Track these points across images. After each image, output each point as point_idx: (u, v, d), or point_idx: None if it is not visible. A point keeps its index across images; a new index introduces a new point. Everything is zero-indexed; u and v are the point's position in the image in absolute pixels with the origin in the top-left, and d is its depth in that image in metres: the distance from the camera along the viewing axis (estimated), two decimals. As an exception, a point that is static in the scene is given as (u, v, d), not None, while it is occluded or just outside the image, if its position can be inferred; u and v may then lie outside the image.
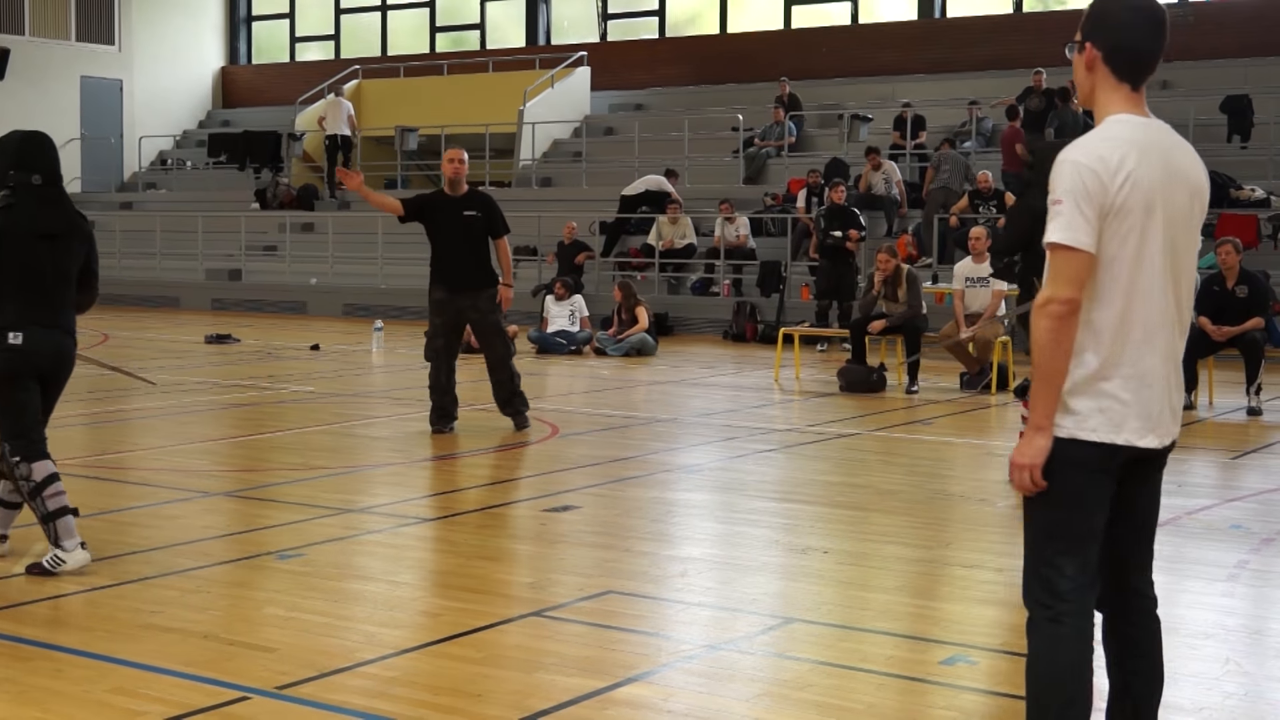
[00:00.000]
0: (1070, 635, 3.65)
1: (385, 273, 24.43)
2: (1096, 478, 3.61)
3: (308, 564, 6.71)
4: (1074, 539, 3.65)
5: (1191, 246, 3.67)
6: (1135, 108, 3.65)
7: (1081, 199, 3.51)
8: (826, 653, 5.40)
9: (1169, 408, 3.65)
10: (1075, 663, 3.65)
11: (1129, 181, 3.51)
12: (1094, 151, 3.54)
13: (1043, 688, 3.69)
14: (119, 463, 9.68)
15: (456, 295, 10.55)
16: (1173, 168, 3.60)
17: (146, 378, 9.09)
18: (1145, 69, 3.64)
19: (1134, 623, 3.79)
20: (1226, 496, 8.50)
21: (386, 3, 31.90)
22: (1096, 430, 3.58)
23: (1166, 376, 3.63)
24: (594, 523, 7.79)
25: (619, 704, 4.78)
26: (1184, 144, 3.69)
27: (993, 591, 6.31)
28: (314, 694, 4.83)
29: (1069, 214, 3.51)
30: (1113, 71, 3.65)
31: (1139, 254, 3.55)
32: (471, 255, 10.63)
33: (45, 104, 30.23)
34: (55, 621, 5.69)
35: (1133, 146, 3.55)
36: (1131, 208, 3.53)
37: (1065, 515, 3.64)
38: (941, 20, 25.82)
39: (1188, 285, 3.68)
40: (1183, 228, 3.61)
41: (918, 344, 13.65)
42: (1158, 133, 3.63)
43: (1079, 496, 3.62)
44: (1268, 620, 6.10)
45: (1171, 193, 3.58)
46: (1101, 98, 3.67)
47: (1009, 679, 4.99)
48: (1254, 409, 12.05)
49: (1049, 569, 3.67)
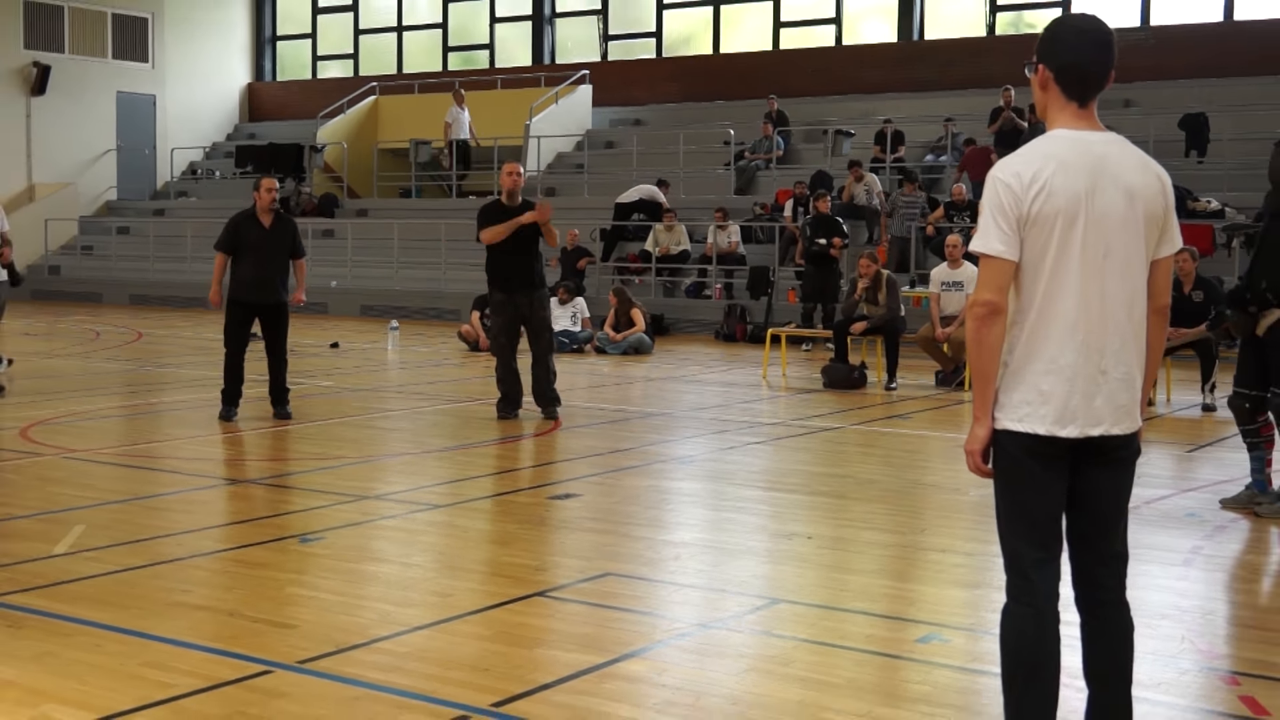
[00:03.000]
0: (1030, 614, 3.65)
1: (400, 276, 24.42)
2: (1034, 464, 3.62)
3: (327, 547, 6.72)
4: (1028, 522, 3.66)
5: (1133, 245, 3.63)
6: (1081, 122, 3.66)
7: (998, 212, 3.59)
8: (809, 631, 5.40)
9: (1098, 400, 3.59)
10: (1038, 639, 3.65)
11: (1043, 193, 3.55)
12: (1011, 168, 3.61)
13: (1009, 662, 3.71)
14: (152, 452, 9.69)
15: (513, 296, 10.87)
16: (1107, 176, 3.59)
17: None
18: (1092, 87, 3.66)
19: (1097, 615, 3.76)
20: (1182, 487, 8.51)
21: (402, 24, 31.85)
22: (1023, 421, 3.61)
23: (1091, 371, 3.59)
24: (594, 509, 7.79)
25: (616, 678, 4.78)
26: (1133, 154, 3.67)
27: (964, 574, 6.32)
28: (332, 668, 4.84)
29: (987, 225, 3.60)
30: (1062, 90, 3.67)
31: (1059, 258, 3.58)
32: (525, 259, 10.88)
33: (84, 117, 30.23)
34: (93, 599, 5.69)
35: (1052, 160, 3.58)
36: (1048, 216, 3.56)
37: (1013, 500, 3.68)
38: (920, 42, 25.79)
39: (1135, 280, 3.65)
40: (1119, 230, 3.60)
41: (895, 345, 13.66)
42: (1095, 145, 3.63)
43: (1020, 482, 3.65)
44: (1219, 601, 6.12)
45: (1102, 199, 3.58)
46: (1051, 113, 3.71)
47: (979, 656, 5.00)
48: (1208, 406, 12.06)
49: (1010, 550, 3.71)
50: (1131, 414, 3.67)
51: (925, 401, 12.81)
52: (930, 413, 12.10)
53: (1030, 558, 3.66)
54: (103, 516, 7.37)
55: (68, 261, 28.94)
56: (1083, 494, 3.70)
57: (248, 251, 10.85)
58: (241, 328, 10.99)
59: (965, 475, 8.64)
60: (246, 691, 4.60)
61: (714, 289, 20.95)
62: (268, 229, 10.90)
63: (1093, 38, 3.65)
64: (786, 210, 21.22)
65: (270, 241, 10.88)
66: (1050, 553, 3.68)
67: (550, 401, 11.04)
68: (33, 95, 29.38)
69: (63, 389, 12.98)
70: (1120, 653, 3.76)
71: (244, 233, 10.88)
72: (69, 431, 10.51)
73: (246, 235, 10.86)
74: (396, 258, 24.55)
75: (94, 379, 13.97)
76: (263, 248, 10.84)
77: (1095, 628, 3.76)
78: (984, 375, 3.62)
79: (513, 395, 11.07)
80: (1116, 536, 3.76)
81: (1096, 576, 3.76)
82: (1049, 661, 3.67)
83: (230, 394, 10.99)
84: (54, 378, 13.82)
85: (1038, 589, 3.66)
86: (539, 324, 10.98)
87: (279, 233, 10.97)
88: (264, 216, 10.90)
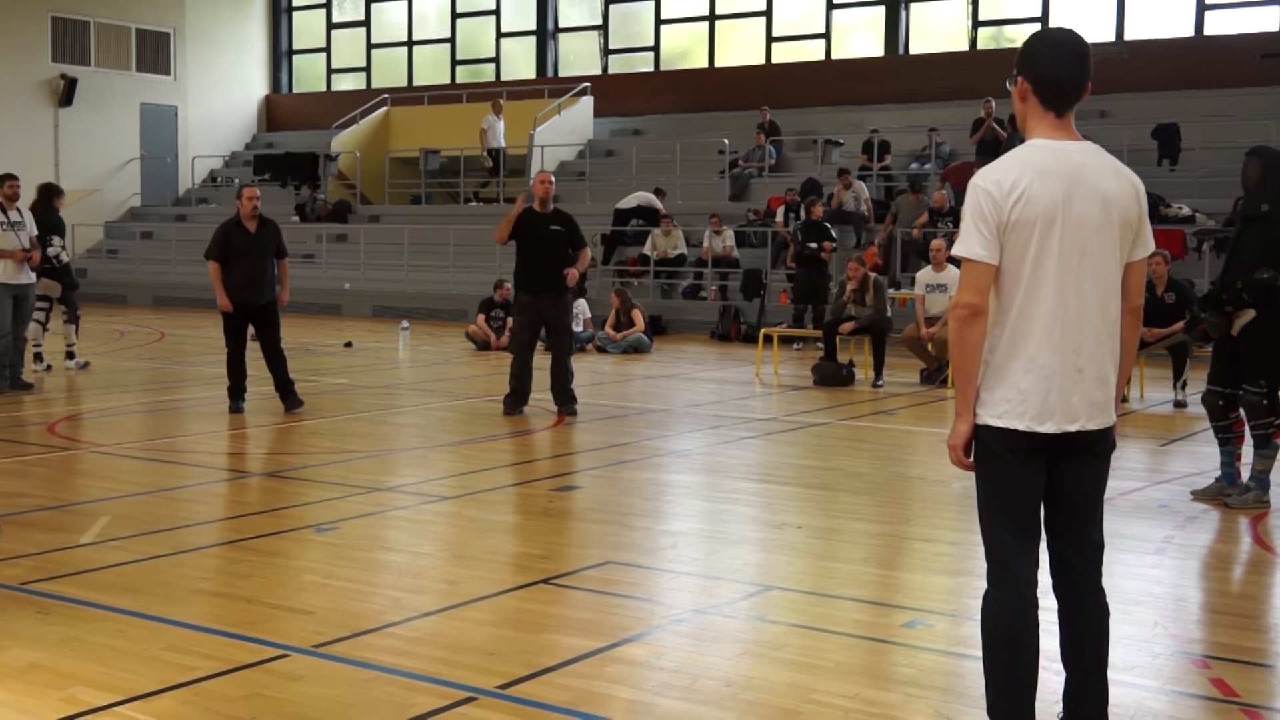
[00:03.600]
0: (1009, 599, 3.66)
1: (410, 279, 24.40)
2: (1014, 458, 3.62)
3: (341, 537, 6.71)
4: (1007, 513, 3.66)
5: (1108, 249, 3.63)
6: (1058, 132, 3.66)
7: (979, 218, 3.58)
8: (800, 616, 5.40)
9: (1075, 397, 3.60)
10: (1017, 625, 3.66)
11: (1021, 200, 3.55)
12: (991, 177, 3.61)
13: (989, 647, 3.71)
14: (174, 446, 9.68)
15: (539, 298, 10.91)
16: (1083, 184, 3.59)
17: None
18: (1069, 98, 3.66)
19: (1074, 600, 3.76)
20: (1155, 479, 8.51)
21: (412, 39, 31.82)
22: (1002, 417, 3.61)
23: (1068, 370, 3.59)
24: (595, 501, 7.79)
25: (617, 662, 4.78)
26: (1108, 162, 3.68)
27: (948, 562, 6.32)
28: (346, 652, 4.84)
29: (969, 231, 3.60)
30: (1040, 101, 3.67)
31: (1037, 262, 3.58)
32: (553, 264, 10.94)
33: (109, 128, 30.22)
34: (117, 586, 5.69)
35: (1030, 169, 3.58)
36: (1027, 222, 3.56)
37: (994, 492, 3.68)
38: (905, 56, 25.78)
39: (1110, 283, 3.65)
40: (1094, 235, 3.60)
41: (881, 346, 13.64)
42: (1072, 154, 3.62)
43: (999, 475, 3.65)
44: (1191, 588, 6.11)
45: (1079, 206, 3.58)
46: (1030, 124, 3.71)
47: (962, 640, 5.00)
48: (1180, 402, 12.06)
49: (991, 540, 3.71)
50: (1106, 410, 3.67)
51: (910, 398, 12.80)
52: (915, 409, 12.10)
53: (1010, 547, 3.66)
54: (127, 508, 7.37)
55: (94, 265, 28.91)
56: (1060, 486, 3.70)
57: (236, 256, 10.94)
58: (236, 328, 11.11)
59: (948, 468, 8.65)
60: (264, 674, 4.59)
61: (709, 291, 20.93)
62: (253, 234, 11.01)
63: (1069, 50, 3.65)
64: (778, 216, 21.20)
65: (256, 245, 10.98)
66: (1029, 542, 3.68)
67: (567, 400, 11.08)
68: (60, 106, 29.37)
69: (89, 386, 12.98)
70: (1096, 636, 3.77)
71: (231, 240, 10.98)
72: (95, 427, 10.51)
73: (234, 242, 10.96)
74: (407, 261, 24.53)
75: (119, 377, 13.96)
76: (250, 252, 10.95)
77: (1072, 613, 3.76)
78: (966, 373, 3.62)
79: (522, 392, 11.07)
80: (1092, 526, 3.77)
81: (1073, 564, 3.76)
82: (1028, 646, 3.67)
83: (235, 389, 11.17)
84: (80, 375, 13.81)
85: (1017, 577, 3.66)
86: (561, 327, 11.02)
87: (264, 237, 11.07)
88: (249, 223, 11.01)
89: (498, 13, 30.35)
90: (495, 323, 17.46)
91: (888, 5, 25.77)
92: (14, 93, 28.66)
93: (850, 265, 14.16)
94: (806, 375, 14.15)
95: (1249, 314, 7.33)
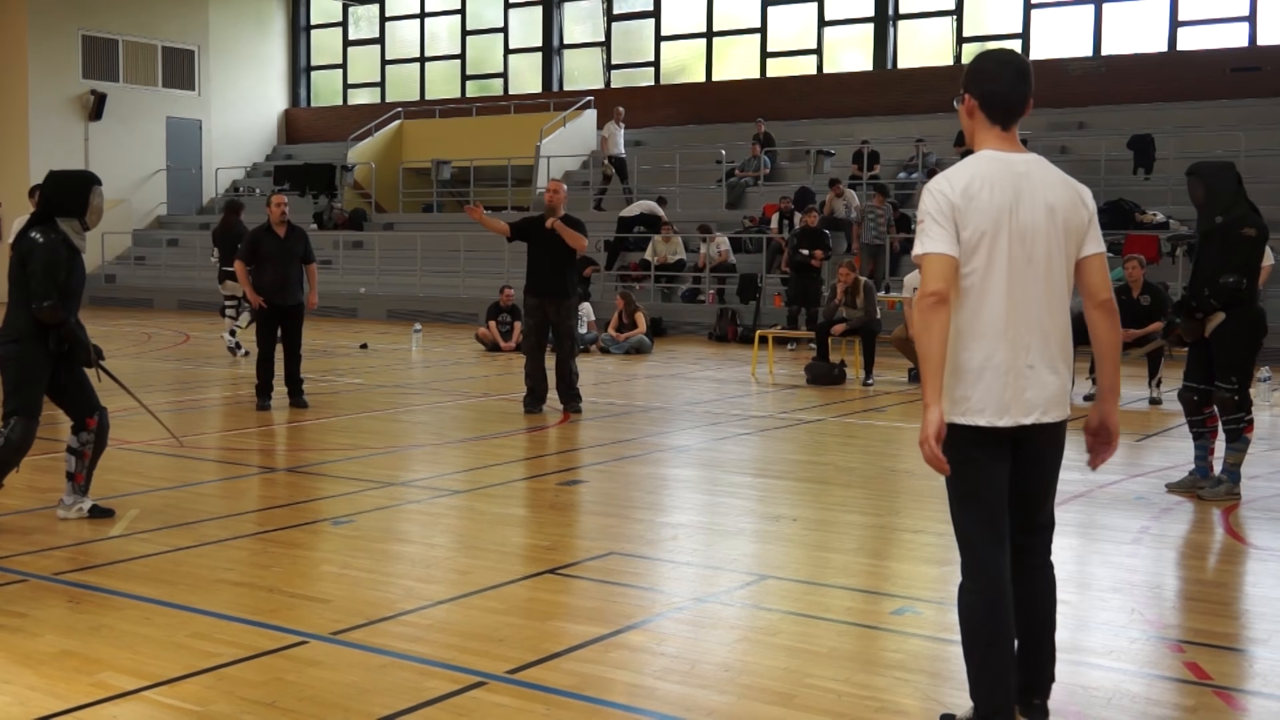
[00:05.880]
0: (980, 587, 3.69)
1: (423, 283, 24.40)
2: (980, 453, 3.64)
3: (357, 529, 6.71)
4: (975, 503, 3.68)
5: (1055, 253, 3.64)
6: (1004, 144, 3.69)
7: (938, 215, 3.59)
8: (794, 604, 5.40)
9: (1029, 393, 3.62)
10: (991, 613, 3.67)
11: (973, 204, 3.57)
12: (944, 181, 3.63)
13: (968, 635, 3.73)
14: (198, 443, 9.67)
15: (544, 301, 10.93)
16: (1028, 191, 3.62)
17: (175, 434, 8.81)
18: (1013, 112, 3.68)
19: (1026, 576, 3.80)
20: (1131, 473, 8.50)
21: (425, 55, 31.83)
22: (966, 414, 3.62)
23: (1020, 367, 3.61)
24: (599, 494, 7.78)
25: (620, 648, 4.78)
26: (1051, 172, 3.70)
27: (935, 553, 6.31)
28: (362, 639, 4.84)
29: (929, 228, 3.60)
30: (986, 116, 3.70)
31: (988, 267, 3.59)
32: (558, 269, 10.92)
33: (136, 140, 30.23)
34: (144, 577, 5.69)
35: (978, 176, 3.60)
36: (978, 226, 3.57)
37: (964, 487, 3.69)
38: (894, 70, 25.77)
39: (1057, 285, 3.65)
40: (1041, 240, 3.62)
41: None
42: (1017, 164, 3.64)
43: (969, 470, 3.65)
44: (1165, 577, 6.10)
45: (1025, 213, 3.60)
46: (978, 137, 3.73)
47: (949, 626, 4.99)
48: (1155, 399, 12.06)
49: (963, 533, 3.73)
50: (1061, 404, 3.71)
51: (899, 396, 12.79)
52: (904, 406, 12.09)
53: (981, 538, 3.68)
54: (154, 502, 7.37)
55: (122, 271, 28.92)
56: (1017, 474, 3.73)
57: (266, 260, 11.11)
58: (267, 328, 11.19)
59: (935, 463, 8.65)
60: (284, 660, 4.59)
61: (707, 294, 20.93)
62: (282, 239, 11.18)
63: (1012, 68, 3.68)
64: (773, 223, 21.20)
65: (285, 250, 11.14)
66: (999, 532, 3.70)
67: (571, 399, 11.06)
68: (90, 120, 29.38)
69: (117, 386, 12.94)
70: (1045, 607, 3.84)
71: (262, 244, 11.17)
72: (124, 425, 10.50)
73: (263, 245, 11.14)
74: (420, 267, 24.54)
75: (146, 377, 13.95)
76: (278, 256, 11.12)
77: (1026, 588, 3.81)
78: (933, 360, 3.54)
79: (538, 391, 11.07)
80: (1044, 510, 3.83)
81: (1025, 545, 3.81)
82: (1004, 632, 3.69)
83: (263, 388, 11.26)
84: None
85: (990, 567, 3.68)
86: (564, 330, 11.01)
87: (292, 242, 11.22)
88: (278, 228, 11.19)
89: (506, 30, 30.35)
90: (503, 327, 17.46)
91: (876, 22, 25.77)
92: (47, 108, 28.68)
93: (841, 270, 14.15)
94: (800, 374, 14.15)
95: (1219, 317, 7.40)
